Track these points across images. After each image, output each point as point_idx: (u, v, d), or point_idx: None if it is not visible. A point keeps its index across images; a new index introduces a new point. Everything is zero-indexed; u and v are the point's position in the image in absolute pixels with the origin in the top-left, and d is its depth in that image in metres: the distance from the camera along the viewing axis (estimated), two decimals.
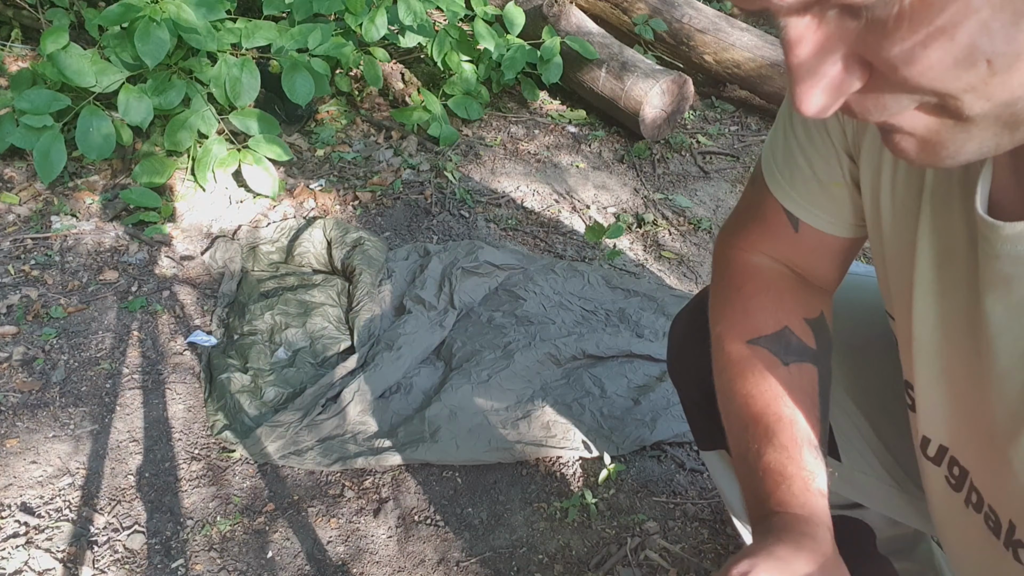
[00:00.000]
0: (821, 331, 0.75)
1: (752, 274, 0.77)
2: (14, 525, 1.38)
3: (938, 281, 0.59)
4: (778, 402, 0.69)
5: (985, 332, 0.55)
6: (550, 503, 1.47)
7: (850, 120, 0.66)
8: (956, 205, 0.56)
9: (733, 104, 3.00)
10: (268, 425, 1.56)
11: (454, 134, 2.62)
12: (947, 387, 0.62)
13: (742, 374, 0.72)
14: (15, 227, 2.11)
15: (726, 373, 0.73)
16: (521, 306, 1.88)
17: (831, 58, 0.39)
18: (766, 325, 0.73)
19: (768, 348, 0.72)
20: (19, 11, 2.75)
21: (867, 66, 0.39)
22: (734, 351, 0.73)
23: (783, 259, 0.77)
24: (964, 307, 0.57)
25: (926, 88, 0.38)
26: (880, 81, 0.39)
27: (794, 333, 0.73)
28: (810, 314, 0.75)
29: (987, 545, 0.62)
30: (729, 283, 0.78)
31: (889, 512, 0.90)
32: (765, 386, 0.70)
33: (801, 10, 0.38)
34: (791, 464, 0.65)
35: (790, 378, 0.70)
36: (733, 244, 0.80)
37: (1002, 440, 0.56)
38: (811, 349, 0.73)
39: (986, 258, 0.53)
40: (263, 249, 2.07)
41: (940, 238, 0.59)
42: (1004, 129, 0.40)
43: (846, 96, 0.41)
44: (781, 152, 0.73)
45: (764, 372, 0.70)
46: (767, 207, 0.75)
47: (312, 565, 1.36)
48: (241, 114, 2.25)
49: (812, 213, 0.73)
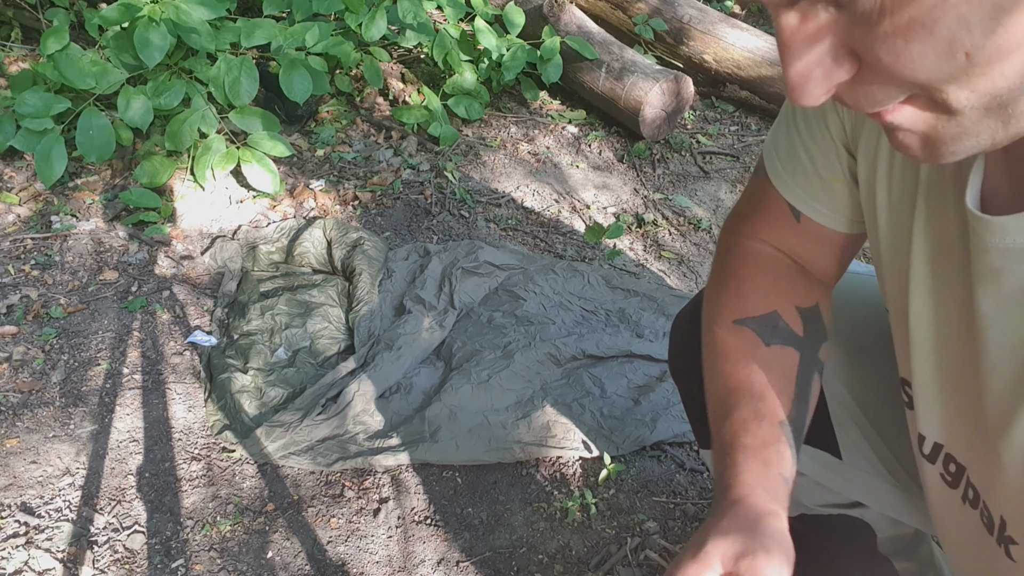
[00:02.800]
0: (813, 321, 0.75)
1: (750, 258, 0.79)
2: (14, 525, 1.38)
3: (933, 276, 0.60)
4: (751, 378, 0.69)
5: (976, 326, 0.55)
6: (550, 503, 1.47)
7: (849, 115, 0.67)
8: (949, 200, 0.57)
9: (733, 104, 3.00)
10: (268, 425, 1.56)
11: (454, 134, 2.62)
12: (942, 383, 0.62)
13: (725, 353, 0.73)
14: (15, 227, 2.11)
15: (711, 352, 0.74)
16: (521, 306, 1.88)
17: (820, 48, 0.41)
18: (756, 307, 0.74)
19: (753, 329, 0.73)
20: (19, 11, 2.75)
21: (856, 57, 0.41)
22: (721, 332, 0.74)
23: (785, 248, 0.78)
24: (958, 302, 0.57)
25: (910, 80, 0.39)
26: (868, 72, 0.41)
27: (782, 318, 0.74)
28: (804, 303, 0.76)
29: (982, 541, 0.62)
30: (726, 267, 0.80)
31: (890, 511, 0.90)
32: (743, 364, 0.71)
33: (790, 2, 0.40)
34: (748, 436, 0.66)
35: (769, 359, 0.71)
36: (735, 231, 0.81)
37: (993, 435, 0.56)
38: (797, 335, 0.73)
39: (977, 252, 0.53)
40: (263, 249, 2.07)
41: (934, 233, 0.59)
42: (997, 122, 0.41)
43: (835, 86, 0.42)
44: (784, 145, 0.74)
45: (745, 351, 0.72)
46: (769, 198, 0.77)
47: (312, 565, 1.36)
48: (241, 113, 2.25)
49: (812, 207, 0.74)
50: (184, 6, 2.11)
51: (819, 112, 0.69)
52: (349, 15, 2.45)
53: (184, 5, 2.11)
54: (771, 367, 0.70)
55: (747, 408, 0.68)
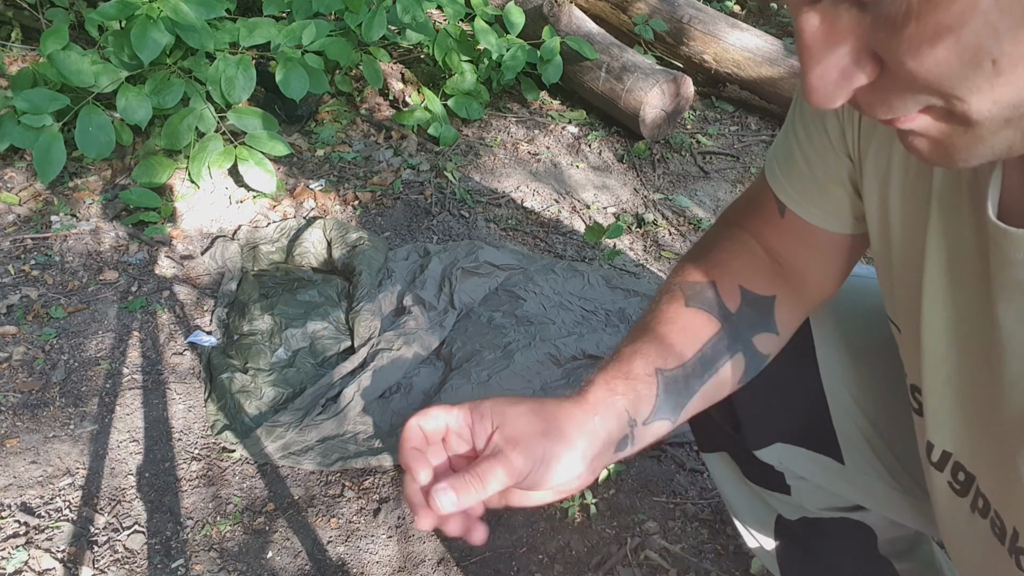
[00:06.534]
0: (756, 306, 0.76)
1: (722, 238, 0.81)
2: (14, 525, 1.38)
3: (947, 287, 0.59)
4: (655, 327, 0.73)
5: (996, 338, 0.54)
6: (550, 503, 1.47)
7: (853, 126, 0.66)
8: (965, 211, 0.56)
9: (733, 104, 3.01)
10: (268, 425, 1.56)
11: (454, 134, 2.62)
12: (954, 393, 0.62)
13: (657, 299, 0.77)
14: (15, 227, 2.11)
15: (653, 298, 0.79)
16: (521, 306, 1.88)
17: (841, 50, 0.40)
18: (698, 275, 0.77)
19: (682, 290, 0.76)
20: (19, 11, 2.75)
21: (877, 61, 0.40)
22: (663, 289, 0.78)
23: (767, 245, 0.79)
24: (974, 313, 0.57)
25: (933, 86, 0.38)
26: (888, 77, 0.40)
27: (716, 288, 0.75)
28: (754, 288, 0.77)
29: (992, 551, 0.62)
30: (699, 243, 0.83)
31: (891, 514, 0.90)
32: (660, 312, 0.74)
33: (812, 2, 0.39)
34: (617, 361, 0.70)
35: (681, 316, 0.74)
36: (725, 218, 0.84)
37: (1011, 447, 0.56)
38: (724, 308, 0.75)
39: (999, 264, 0.52)
40: (263, 249, 2.07)
41: (949, 243, 0.58)
42: (1016, 132, 0.40)
43: (854, 89, 0.41)
44: (783, 147, 0.75)
45: (669, 303, 0.75)
46: (761, 194, 0.78)
47: (312, 565, 1.36)
48: (239, 112, 2.24)
49: (802, 205, 0.74)
50: (183, 4, 2.11)
51: (818, 116, 0.69)
52: (349, 15, 2.45)
53: (183, 3, 2.11)
54: (682, 326, 0.73)
55: (639, 344, 0.71)
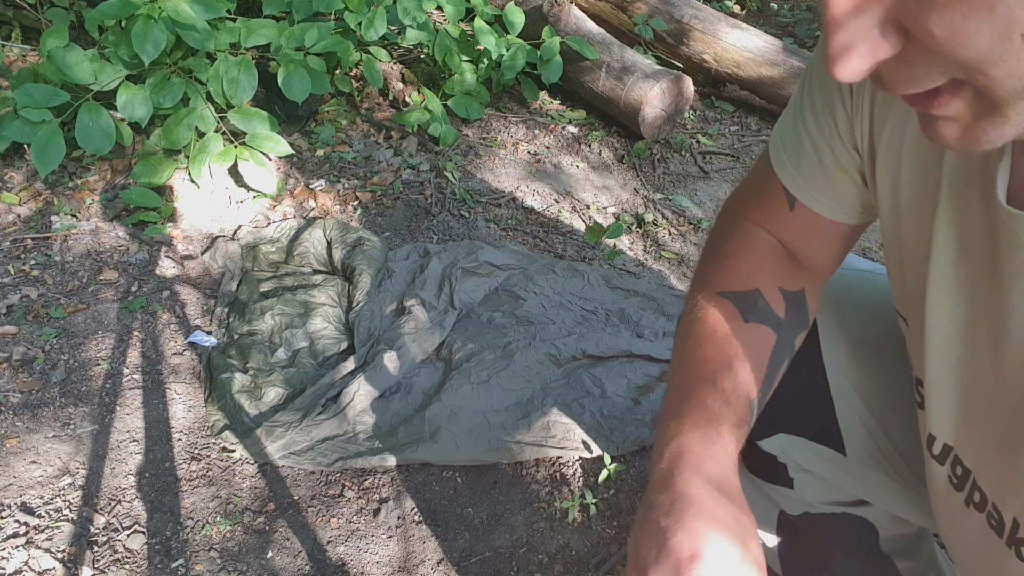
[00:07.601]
0: (795, 306, 0.76)
1: (738, 236, 0.80)
2: (14, 525, 1.38)
3: (955, 275, 0.59)
4: (727, 351, 0.70)
5: (1007, 325, 0.54)
6: (550, 503, 1.47)
7: (862, 118, 0.66)
8: (975, 197, 0.56)
9: (733, 104, 3.00)
10: (268, 425, 1.56)
11: (454, 134, 2.62)
12: (957, 384, 0.62)
13: (703, 320, 0.73)
14: (15, 227, 2.11)
15: (691, 316, 0.74)
16: (521, 306, 1.88)
17: (868, 20, 0.39)
18: (738, 283, 0.75)
19: (733, 302, 0.73)
20: (19, 11, 2.75)
21: (903, 33, 0.39)
22: (701, 300, 0.75)
23: (777, 235, 0.79)
24: (982, 300, 0.57)
25: (961, 59, 0.38)
26: (914, 50, 0.39)
27: (763, 296, 0.74)
28: (788, 286, 0.76)
29: (988, 544, 0.62)
30: (715, 243, 0.81)
31: (893, 508, 0.90)
32: (721, 335, 0.71)
33: None
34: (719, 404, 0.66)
35: (746, 334, 0.71)
36: (731, 211, 0.83)
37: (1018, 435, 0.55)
38: (777, 316, 0.74)
39: (1011, 249, 0.52)
40: (263, 249, 2.07)
41: (958, 231, 0.58)
42: None
43: (878, 61, 0.41)
44: (790, 135, 0.74)
45: (723, 322, 0.72)
46: (768, 184, 0.77)
47: (312, 565, 1.35)
48: (240, 112, 2.24)
49: (811, 196, 0.74)
50: (183, 4, 2.11)
51: (828, 108, 0.69)
52: (349, 15, 2.45)
53: (183, 3, 2.11)
54: (746, 343, 0.71)
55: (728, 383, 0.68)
